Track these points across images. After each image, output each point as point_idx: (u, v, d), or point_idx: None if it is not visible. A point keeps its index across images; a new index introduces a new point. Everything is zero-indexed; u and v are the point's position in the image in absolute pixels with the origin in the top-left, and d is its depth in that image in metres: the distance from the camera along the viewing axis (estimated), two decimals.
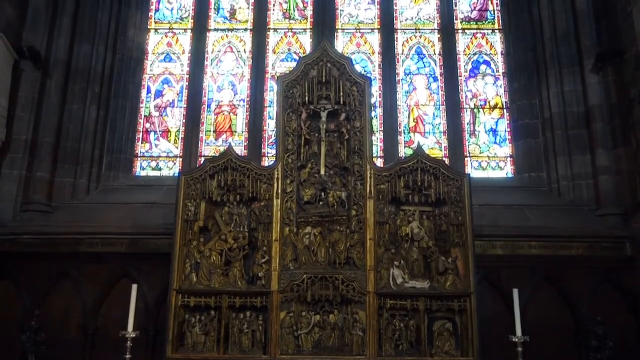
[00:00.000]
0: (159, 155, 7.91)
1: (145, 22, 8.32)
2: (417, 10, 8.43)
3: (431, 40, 8.28)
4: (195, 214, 5.84)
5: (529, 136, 7.65)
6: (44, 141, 7.12)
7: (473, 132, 7.89)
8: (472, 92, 8.05)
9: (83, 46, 7.61)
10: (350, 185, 5.89)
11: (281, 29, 8.39)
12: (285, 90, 6.14)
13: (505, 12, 8.24)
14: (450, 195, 5.82)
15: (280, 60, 8.25)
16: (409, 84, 8.10)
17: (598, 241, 6.66)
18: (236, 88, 8.14)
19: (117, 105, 7.76)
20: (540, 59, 7.66)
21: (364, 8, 8.46)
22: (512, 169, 7.75)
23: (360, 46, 8.27)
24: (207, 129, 7.96)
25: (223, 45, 8.35)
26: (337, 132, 6.09)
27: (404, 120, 7.93)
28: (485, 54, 8.21)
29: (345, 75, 6.15)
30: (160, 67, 8.26)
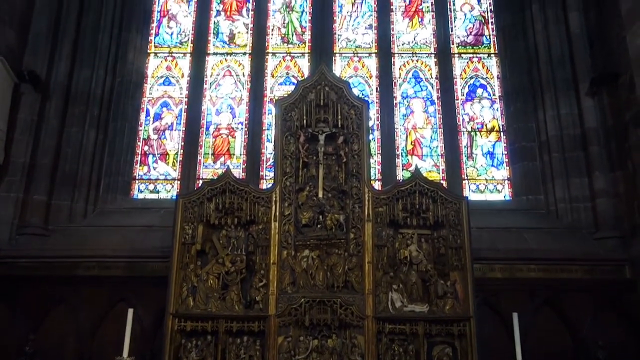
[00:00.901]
0: (157, 178, 7.91)
1: (145, 46, 8.41)
2: (414, 35, 8.54)
3: (428, 64, 8.37)
4: (193, 237, 5.81)
5: (526, 159, 7.68)
6: (42, 164, 7.13)
7: (470, 155, 7.93)
8: (469, 115, 8.11)
9: (83, 70, 7.67)
10: (348, 208, 5.88)
11: (280, 53, 8.48)
12: (284, 114, 6.18)
13: (500, 37, 8.36)
14: (449, 218, 5.81)
15: (278, 83, 8.32)
16: (407, 107, 8.16)
17: (597, 264, 6.63)
18: (235, 111, 8.19)
19: (115, 128, 7.79)
20: (536, 83, 7.73)
21: (362, 33, 8.57)
22: (510, 191, 7.76)
23: (357, 70, 8.35)
24: (206, 152, 7.98)
25: (222, 69, 8.42)
26: (335, 155, 6.11)
27: (401, 143, 7.97)
28: (482, 77, 8.29)
29: (343, 98, 6.19)
30: (160, 91, 8.32)
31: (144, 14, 8.49)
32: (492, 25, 8.54)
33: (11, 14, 7.19)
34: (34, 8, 7.59)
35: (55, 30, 7.62)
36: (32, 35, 7.49)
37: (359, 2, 8.73)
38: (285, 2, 8.75)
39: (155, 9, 8.69)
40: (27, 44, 7.46)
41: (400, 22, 8.61)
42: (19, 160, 7.02)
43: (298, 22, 8.65)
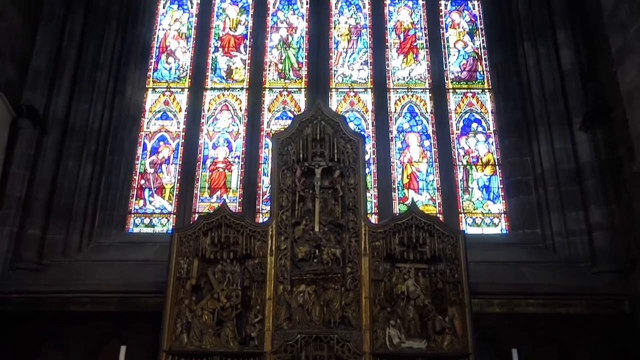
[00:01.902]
0: (153, 212, 7.88)
1: (143, 81, 8.51)
2: (409, 71, 8.68)
3: (423, 100, 8.49)
4: (188, 271, 5.76)
5: (522, 193, 7.70)
6: (38, 198, 7.09)
7: (466, 188, 7.95)
8: (465, 150, 8.17)
9: (81, 104, 7.71)
10: (344, 242, 5.86)
11: (276, 88, 8.59)
12: (280, 148, 6.22)
13: (494, 72, 8.51)
14: (446, 252, 5.79)
15: (275, 118, 8.40)
16: (402, 141, 8.22)
17: (596, 299, 6.57)
18: (231, 145, 8.23)
19: (112, 162, 7.79)
20: (530, 118, 7.83)
21: (357, 68, 8.71)
22: (507, 225, 7.76)
23: (354, 105, 8.45)
24: (202, 186, 7.98)
25: (219, 104, 8.51)
26: (332, 189, 6.12)
27: (397, 176, 8.00)
28: (476, 112, 8.40)
29: (339, 133, 6.25)
30: (157, 125, 8.37)
31: (143, 50, 8.61)
32: (485, 61, 8.70)
33: (12, 49, 7.29)
34: (34, 43, 7.68)
35: (54, 65, 7.70)
36: (32, 70, 7.56)
37: (355, 38, 8.90)
38: (282, 39, 8.92)
39: (154, 45, 8.83)
40: (27, 78, 7.52)
41: (395, 58, 8.76)
42: (14, 194, 6.99)
43: (295, 58, 8.79)
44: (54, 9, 7.87)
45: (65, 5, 7.95)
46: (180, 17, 9.08)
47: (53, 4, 7.89)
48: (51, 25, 7.80)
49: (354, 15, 9.07)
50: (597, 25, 7.24)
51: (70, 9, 7.97)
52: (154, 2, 9.05)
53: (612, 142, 7.03)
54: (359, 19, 9.04)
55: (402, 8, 9.13)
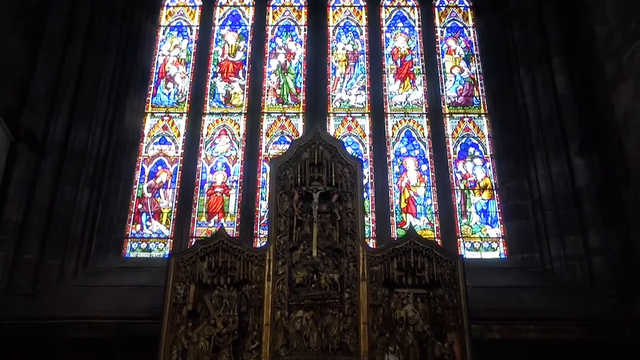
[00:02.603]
0: (150, 237, 7.84)
1: (142, 106, 8.57)
2: (406, 96, 8.76)
3: (420, 124, 8.54)
4: (185, 297, 5.70)
5: (520, 217, 7.70)
6: (34, 223, 7.05)
7: (464, 213, 7.95)
8: (462, 174, 8.19)
9: (80, 129, 7.71)
10: (342, 267, 5.82)
11: (275, 113, 8.65)
12: (278, 172, 6.22)
13: (490, 98, 8.59)
14: (444, 277, 5.75)
15: (273, 142, 8.44)
16: (400, 165, 8.25)
17: (596, 324, 6.50)
18: (229, 170, 8.24)
19: (110, 187, 7.78)
20: (527, 142, 7.87)
21: (355, 94, 8.79)
22: (505, 249, 7.73)
23: (351, 129, 8.50)
24: (200, 210, 7.96)
25: (218, 128, 8.55)
26: (330, 214, 6.10)
27: (395, 201, 8.00)
28: (473, 137, 8.45)
29: (337, 157, 6.27)
30: (155, 149, 8.39)
31: (143, 76, 8.69)
32: (481, 86, 8.79)
33: (11, 74, 7.35)
34: (34, 68, 7.73)
35: (54, 90, 7.73)
36: (31, 95, 7.59)
37: (352, 64, 9.01)
38: (280, 64, 9.02)
39: (153, 71, 8.91)
40: (26, 103, 7.54)
41: (392, 83, 8.85)
42: (11, 219, 6.95)
43: (293, 84, 8.88)
44: (54, 34, 7.95)
45: (66, 30, 8.03)
46: (179, 43, 9.19)
47: (54, 29, 7.97)
48: (51, 50, 7.87)
49: (352, 41, 9.20)
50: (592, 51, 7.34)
51: (71, 34, 8.06)
52: (154, 29, 9.18)
53: (608, 167, 7.07)
54: (356, 45, 9.16)
55: (398, 34, 9.27)
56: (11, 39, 7.35)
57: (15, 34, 7.41)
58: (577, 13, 7.82)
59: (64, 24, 8.04)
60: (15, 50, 7.45)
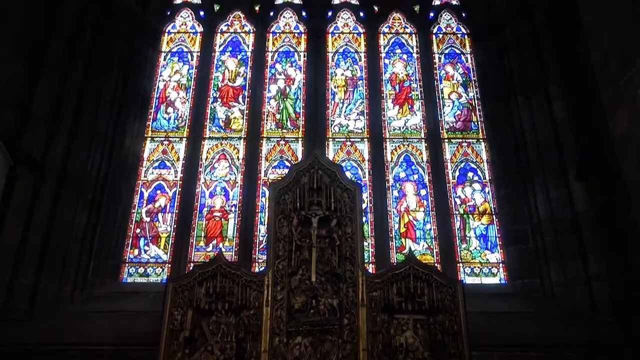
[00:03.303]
0: (148, 262, 7.79)
1: (142, 131, 8.61)
2: (405, 121, 8.82)
3: (419, 149, 8.58)
4: (182, 323, 5.63)
5: (519, 242, 7.67)
6: (31, 247, 6.99)
7: (464, 237, 7.93)
8: (461, 199, 8.20)
9: (79, 153, 7.72)
10: (342, 292, 5.77)
11: (274, 138, 8.69)
12: (277, 197, 6.22)
13: (488, 123, 8.65)
14: (444, 302, 5.70)
15: (272, 167, 8.46)
16: (399, 190, 8.26)
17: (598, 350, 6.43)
18: (228, 194, 8.24)
19: (108, 211, 7.75)
20: (525, 167, 7.89)
21: (354, 119, 8.85)
22: (505, 275, 7.69)
23: (350, 154, 8.53)
24: (198, 235, 7.93)
25: (217, 153, 8.58)
26: (329, 238, 6.08)
27: (394, 225, 7.98)
28: (472, 162, 8.48)
29: (336, 182, 6.27)
30: (154, 174, 8.40)
31: (143, 100, 8.76)
32: (479, 112, 8.86)
33: (12, 96, 7.38)
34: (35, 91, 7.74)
35: (54, 114, 7.74)
36: (32, 118, 7.59)
37: (351, 90, 9.09)
38: (280, 90, 9.11)
39: (154, 96, 8.98)
40: (26, 125, 7.55)
41: (391, 109, 8.92)
42: (8, 243, 6.91)
43: (292, 109, 8.95)
44: (56, 58, 8.00)
45: (68, 55, 8.09)
46: (180, 69, 9.29)
47: (56, 53, 8.03)
48: (53, 74, 7.91)
49: (350, 67, 9.30)
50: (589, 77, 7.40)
51: (73, 58, 8.11)
52: (155, 54, 9.29)
53: (607, 192, 7.06)
54: (355, 71, 9.27)
55: (397, 61, 9.38)
56: (13, 62, 7.40)
57: (17, 57, 7.47)
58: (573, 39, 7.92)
59: (66, 48, 8.10)
60: (17, 73, 7.49)
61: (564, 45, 8.18)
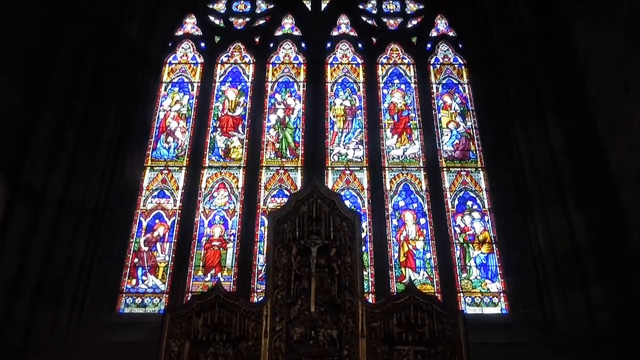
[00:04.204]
0: (145, 292, 7.71)
1: (142, 160, 8.64)
2: (403, 150, 8.87)
3: (418, 178, 8.60)
4: (179, 354, 5.52)
5: (520, 271, 7.62)
6: (28, 277, 6.91)
7: (464, 267, 7.87)
8: (461, 227, 8.17)
9: (79, 182, 7.71)
10: (341, 323, 5.68)
11: (273, 167, 8.71)
12: (276, 226, 6.19)
13: (486, 152, 8.70)
14: (445, 333, 5.61)
15: (272, 195, 8.46)
16: (398, 219, 8.24)
17: None
18: (227, 223, 8.22)
19: (106, 241, 7.71)
20: (524, 196, 7.87)
21: (353, 148, 8.90)
22: (507, 304, 7.60)
23: (349, 183, 8.54)
24: (196, 264, 7.87)
25: (216, 182, 8.59)
26: (328, 268, 6.02)
27: (394, 255, 7.93)
28: (471, 190, 8.48)
29: (336, 211, 6.25)
30: (154, 203, 8.39)
31: (143, 130, 8.83)
32: (477, 141, 8.92)
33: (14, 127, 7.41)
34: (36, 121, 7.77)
35: (55, 143, 7.77)
36: (32, 148, 7.61)
37: (350, 119, 9.18)
38: (279, 119, 9.18)
39: (154, 125, 9.05)
40: (26, 155, 7.56)
41: (389, 138, 8.98)
42: (5, 272, 6.85)
43: (291, 138, 9.00)
44: (57, 88, 8.06)
45: (70, 85, 8.15)
46: (180, 99, 9.39)
47: (57, 83, 8.09)
48: (54, 103, 7.95)
49: (349, 97, 9.41)
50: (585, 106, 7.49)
51: (74, 88, 8.15)
52: (156, 85, 9.40)
53: (607, 220, 7.04)
54: (354, 100, 9.37)
55: (395, 90, 9.49)
56: (15, 92, 7.43)
57: (19, 87, 7.51)
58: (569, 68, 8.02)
59: (68, 78, 8.17)
60: (19, 102, 7.52)
61: (560, 74, 8.27)
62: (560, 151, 7.80)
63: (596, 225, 7.20)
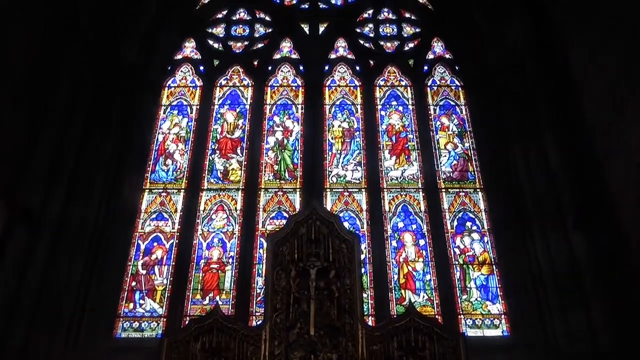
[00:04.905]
0: (143, 316, 7.62)
1: (140, 183, 8.63)
2: (402, 171, 8.88)
3: (416, 199, 8.59)
4: None
5: (521, 292, 7.56)
6: (24, 302, 6.83)
7: (464, 288, 7.81)
8: (460, 248, 8.14)
9: (77, 205, 7.69)
10: (341, 346, 5.62)
11: (272, 189, 8.71)
12: (275, 248, 6.17)
13: (485, 173, 8.72)
14: (446, 356, 5.55)
15: (270, 218, 8.43)
16: (397, 240, 8.20)
17: None
18: (226, 246, 8.17)
19: (104, 264, 7.65)
20: (524, 217, 7.88)
21: (351, 169, 8.91)
22: (508, 326, 7.52)
23: (348, 204, 8.53)
24: (195, 288, 7.80)
25: (215, 204, 8.57)
26: (327, 290, 5.98)
27: (394, 276, 7.88)
28: (470, 211, 8.47)
29: (334, 232, 6.24)
30: (152, 225, 8.36)
31: (142, 153, 8.84)
32: (475, 162, 8.94)
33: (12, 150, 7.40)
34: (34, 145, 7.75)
35: (53, 166, 7.75)
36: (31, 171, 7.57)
37: (348, 141, 9.21)
38: (277, 141, 9.21)
39: (153, 148, 9.07)
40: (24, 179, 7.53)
41: (388, 159, 9.01)
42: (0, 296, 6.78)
43: (290, 160, 9.02)
44: (57, 111, 8.06)
45: (69, 108, 8.18)
46: (180, 122, 9.44)
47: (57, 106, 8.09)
48: (53, 127, 7.94)
49: (347, 119, 9.46)
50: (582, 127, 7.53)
51: (73, 112, 8.19)
52: (155, 108, 9.45)
53: (606, 240, 7.03)
54: (352, 122, 9.42)
55: (392, 112, 9.56)
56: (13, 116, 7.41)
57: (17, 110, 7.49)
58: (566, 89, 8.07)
59: (67, 102, 8.19)
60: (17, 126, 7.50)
61: (557, 94, 8.33)
62: (558, 171, 7.82)
63: (595, 245, 7.18)
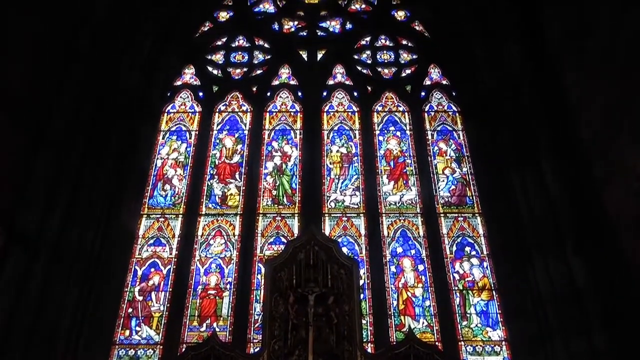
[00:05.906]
0: (139, 343, 7.51)
1: (138, 208, 8.61)
2: (400, 196, 8.88)
3: (415, 224, 8.57)
4: None
5: (521, 318, 7.47)
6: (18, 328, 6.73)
7: (464, 314, 7.73)
8: (460, 274, 8.08)
9: (74, 230, 7.63)
10: None
11: (270, 214, 8.69)
12: (273, 274, 6.14)
13: (483, 198, 8.72)
14: None
15: (268, 243, 8.39)
16: (396, 266, 8.16)
17: None
18: (224, 271, 8.11)
19: (101, 291, 7.55)
20: (523, 242, 7.82)
21: (350, 194, 8.91)
22: (509, 353, 7.42)
23: (346, 230, 8.50)
24: (192, 314, 7.71)
25: (213, 229, 8.54)
26: (326, 316, 5.93)
27: (393, 302, 7.80)
28: (469, 236, 8.44)
29: (333, 258, 6.22)
30: (149, 251, 8.30)
31: (140, 178, 8.84)
32: (474, 187, 8.94)
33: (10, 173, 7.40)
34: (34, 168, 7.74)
35: (51, 190, 7.72)
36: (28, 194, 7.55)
37: (346, 166, 9.24)
38: (276, 166, 9.24)
39: (151, 173, 9.08)
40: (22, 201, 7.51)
41: (386, 184, 9.01)
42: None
43: (288, 185, 9.03)
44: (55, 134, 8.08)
45: (68, 131, 8.18)
46: (178, 147, 9.47)
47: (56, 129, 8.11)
48: (52, 149, 7.93)
49: (345, 144, 9.51)
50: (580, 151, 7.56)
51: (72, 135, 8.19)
52: (155, 133, 9.50)
53: (606, 265, 6.99)
54: (350, 147, 9.46)
55: (390, 137, 9.61)
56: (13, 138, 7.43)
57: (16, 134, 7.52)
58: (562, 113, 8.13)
59: (66, 125, 8.20)
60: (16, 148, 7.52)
61: (554, 118, 8.38)
62: (556, 195, 7.81)
63: (596, 270, 7.13)
